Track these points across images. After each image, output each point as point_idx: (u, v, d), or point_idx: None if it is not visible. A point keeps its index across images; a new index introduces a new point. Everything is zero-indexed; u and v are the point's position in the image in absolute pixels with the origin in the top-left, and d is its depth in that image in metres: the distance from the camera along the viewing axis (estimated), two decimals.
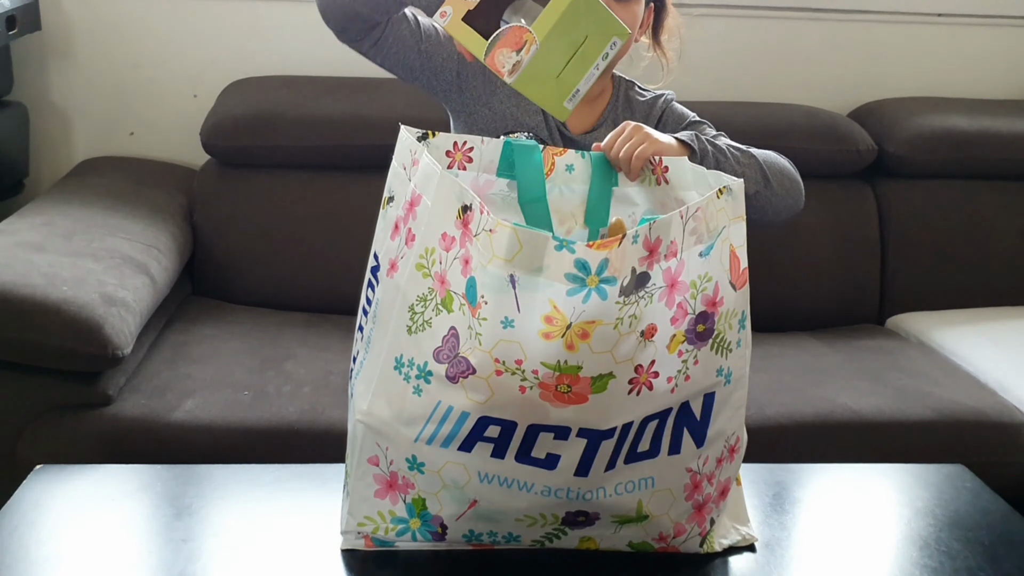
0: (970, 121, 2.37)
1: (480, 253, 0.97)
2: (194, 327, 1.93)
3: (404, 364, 1.05)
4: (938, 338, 2.11)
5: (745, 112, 2.35)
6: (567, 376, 0.96)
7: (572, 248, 0.93)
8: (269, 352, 1.83)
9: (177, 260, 1.99)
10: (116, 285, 1.67)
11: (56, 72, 2.34)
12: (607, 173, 1.25)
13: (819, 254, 2.27)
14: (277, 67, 2.36)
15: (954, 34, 2.56)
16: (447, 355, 1.01)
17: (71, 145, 2.40)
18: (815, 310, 2.27)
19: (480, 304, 0.97)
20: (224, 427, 1.60)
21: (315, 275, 2.14)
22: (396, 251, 1.10)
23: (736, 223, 1.06)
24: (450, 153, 1.20)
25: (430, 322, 1.03)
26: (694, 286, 1.02)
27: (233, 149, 2.16)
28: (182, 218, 2.12)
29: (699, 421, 1.07)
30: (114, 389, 1.64)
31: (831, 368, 1.91)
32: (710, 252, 1.03)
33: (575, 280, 0.94)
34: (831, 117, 2.37)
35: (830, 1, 2.49)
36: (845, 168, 2.31)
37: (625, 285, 0.95)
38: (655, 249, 0.97)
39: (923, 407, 1.77)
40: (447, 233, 1.03)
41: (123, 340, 1.59)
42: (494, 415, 1.00)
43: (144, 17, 2.33)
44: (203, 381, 1.69)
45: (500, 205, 1.26)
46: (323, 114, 2.17)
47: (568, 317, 0.94)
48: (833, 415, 1.73)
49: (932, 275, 2.31)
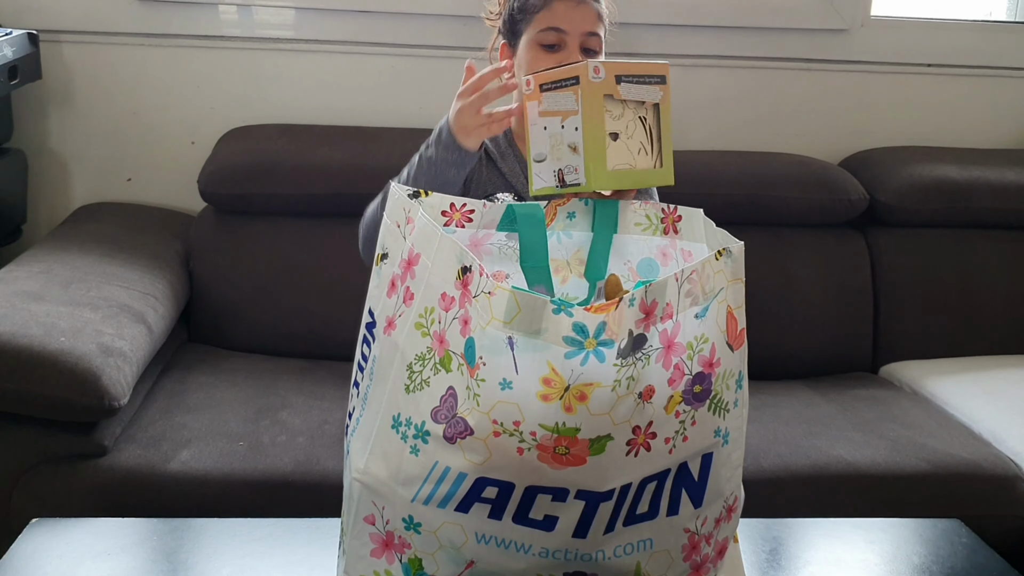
0: (961, 171, 2.39)
1: (479, 315, 0.98)
2: (190, 375, 1.93)
3: (402, 423, 1.05)
4: (931, 387, 2.12)
5: (737, 161, 2.37)
6: (565, 438, 0.97)
7: (570, 312, 0.94)
8: (264, 401, 1.83)
9: (174, 308, 2.00)
10: (113, 335, 1.67)
11: (55, 119, 2.36)
12: (608, 220, 1.26)
13: (812, 302, 2.29)
14: (275, 116, 2.38)
15: (944, 84, 2.59)
16: (445, 415, 1.01)
17: (69, 191, 2.41)
18: (808, 358, 2.28)
19: (478, 365, 0.98)
20: (219, 478, 1.59)
21: (311, 322, 2.15)
22: (394, 309, 1.11)
23: (734, 285, 1.07)
24: (447, 213, 1.21)
25: (428, 381, 1.04)
26: (691, 347, 1.03)
27: (230, 197, 2.17)
28: (179, 265, 2.13)
29: (697, 482, 1.07)
30: (110, 439, 1.64)
31: (825, 418, 1.92)
32: (706, 313, 1.04)
33: (573, 343, 0.94)
34: (823, 166, 2.40)
35: (821, 51, 2.53)
36: (837, 217, 2.33)
37: (622, 347, 0.96)
38: (651, 311, 0.98)
39: (918, 459, 1.77)
40: (446, 293, 1.03)
41: (120, 391, 1.59)
42: (492, 476, 1.00)
43: (143, 65, 2.35)
44: (198, 431, 1.69)
45: (497, 256, 1.26)
46: (320, 162, 2.18)
47: (566, 379, 0.95)
48: (828, 467, 1.74)
49: (925, 324, 2.32)
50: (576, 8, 1.51)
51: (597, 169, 1.22)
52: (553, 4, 1.51)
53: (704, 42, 2.47)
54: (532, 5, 1.53)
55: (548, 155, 1.28)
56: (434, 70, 2.40)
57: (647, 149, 1.28)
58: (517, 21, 1.55)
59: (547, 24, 1.51)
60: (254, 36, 2.36)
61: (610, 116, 1.24)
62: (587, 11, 1.52)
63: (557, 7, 1.51)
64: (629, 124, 1.26)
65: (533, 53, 1.52)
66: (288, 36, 2.37)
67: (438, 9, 2.32)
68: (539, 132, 1.29)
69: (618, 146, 1.24)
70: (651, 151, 1.28)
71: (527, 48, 1.54)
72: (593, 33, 1.52)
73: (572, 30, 1.50)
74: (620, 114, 1.25)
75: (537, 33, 1.52)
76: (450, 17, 2.34)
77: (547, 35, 1.51)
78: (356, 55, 2.39)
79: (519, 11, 1.55)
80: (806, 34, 2.51)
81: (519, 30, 1.55)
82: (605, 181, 1.23)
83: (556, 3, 1.51)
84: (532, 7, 1.53)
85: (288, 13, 2.37)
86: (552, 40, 1.51)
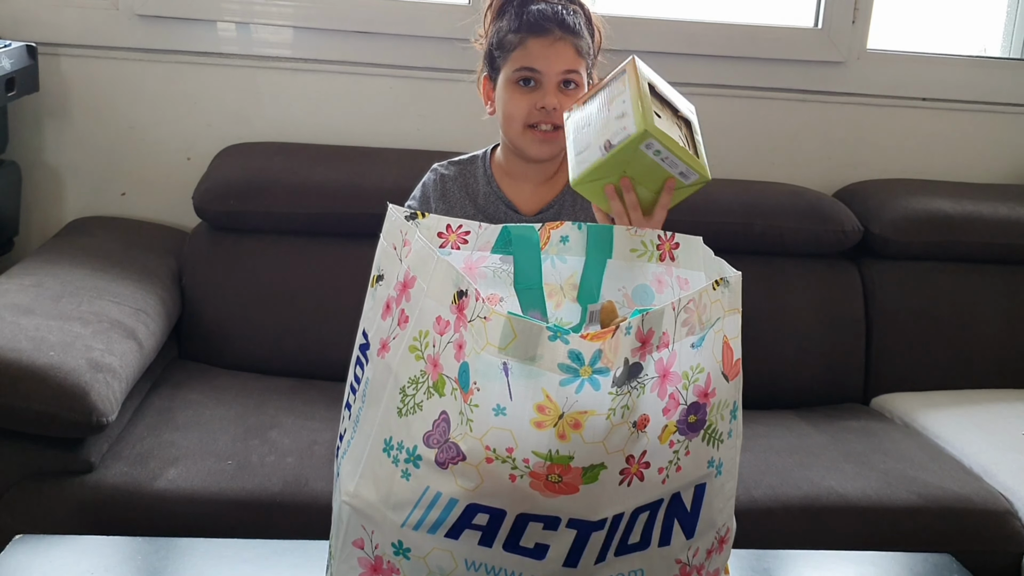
0: (954, 204, 2.40)
1: (474, 339, 0.97)
2: (179, 392, 1.91)
3: (393, 447, 1.05)
4: (923, 420, 2.11)
5: (731, 190, 2.37)
6: (558, 466, 0.96)
7: (566, 339, 0.93)
8: (254, 419, 1.81)
9: (165, 324, 1.99)
10: (103, 350, 1.66)
11: (51, 132, 2.35)
12: (603, 245, 1.25)
13: (804, 332, 2.28)
14: (272, 134, 2.38)
15: (938, 118, 2.60)
16: (437, 440, 1.01)
17: (62, 204, 2.39)
18: (799, 388, 2.27)
19: (472, 390, 0.97)
20: (206, 497, 1.58)
21: (303, 341, 2.14)
22: (388, 331, 1.10)
23: (731, 315, 1.06)
24: (443, 235, 1.21)
25: (421, 405, 1.03)
26: (686, 377, 1.02)
27: (225, 214, 2.17)
28: (171, 281, 2.12)
29: (689, 512, 1.07)
30: (96, 456, 1.62)
31: (816, 449, 1.91)
32: (702, 343, 1.03)
33: (568, 370, 0.94)
34: (817, 197, 2.40)
35: (817, 83, 2.54)
36: (831, 248, 2.34)
37: (618, 376, 0.96)
38: (647, 340, 0.98)
39: (908, 492, 1.77)
40: (441, 317, 1.03)
41: (108, 407, 1.57)
42: (483, 503, 0.99)
43: (141, 80, 2.34)
44: (186, 449, 1.68)
45: (492, 279, 1.26)
46: (316, 181, 2.18)
47: (561, 407, 0.94)
48: (820, 499, 1.73)
49: (917, 356, 2.32)
50: (551, 47, 1.48)
51: (647, 117, 1.23)
52: (528, 43, 1.49)
53: (700, 71, 2.48)
54: (508, 43, 1.51)
55: (592, 141, 1.29)
56: (433, 92, 2.40)
57: (687, 141, 1.29)
58: (495, 57, 1.54)
59: (521, 63, 1.49)
60: (253, 54, 2.36)
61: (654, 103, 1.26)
62: (562, 49, 1.49)
63: (532, 46, 1.49)
64: (669, 119, 1.28)
65: (509, 92, 1.51)
66: (287, 55, 2.37)
67: (438, 32, 2.32)
68: (580, 130, 1.32)
69: (663, 121, 1.26)
70: (689, 145, 1.29)
71: (504, 86, 1.52)
72: (571, 70, 1.50)
73: (547, 70, 1.48)
74: (661, 108, 1.27)
75: (513, 72, 1.50)
76: (449, 40, 2.32)
77: (521, 73, 1.49)
78: (355, 75, 2.39)
79: (497, 47, 1.53)
80: (802, 65, 2.52)
81: (498, 66, 1.54)
82: (654, 129, 1.22)
83: (531, 42, 1.49)
84: (508, 44, 1.51)
85: (288, 32, 2.37)
86: (526, 77, 1.49)
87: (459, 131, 2.23)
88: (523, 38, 1.49)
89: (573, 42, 1.50)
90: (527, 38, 1.49)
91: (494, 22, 1.57)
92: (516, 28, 1.50)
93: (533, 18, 1.50)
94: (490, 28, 1.58)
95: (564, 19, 1.51)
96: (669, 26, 2.47)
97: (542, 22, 1.49)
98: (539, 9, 1.52)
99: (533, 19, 1.50)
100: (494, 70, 1.55)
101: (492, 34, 1.56)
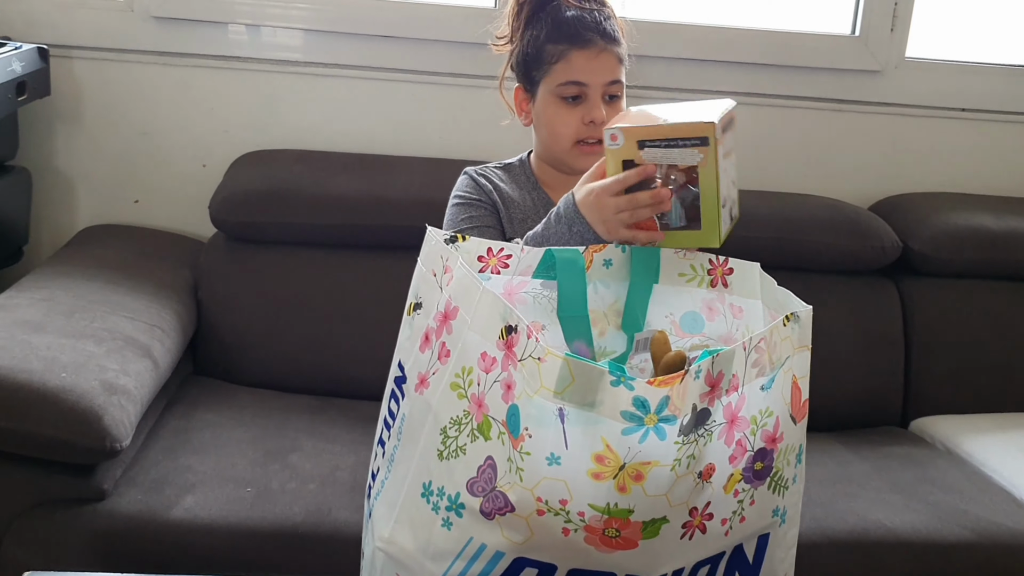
0: (996, 220, 2.32)
1: (526, 381, 0.90)
2: (195, 411, 1.84)
3: (433, 492, 0.97)
4: (967, 446, 2.03)
5: (766, 203, 2.30)
6: (616, 519, 0.88)
7: (631, 384, 0.86)
8: (274, 442, 1.74)
9: (181, 340, 1.91)
10: (118, 371, 1.58)
11: (63, 137, 2.28)
12: (648, 269, 1.19)
13: (840, 352, 2.20)
14: (291, 141, 2.31)
15: (978, 130, 2.52)
16: (482, 487, 0.93)
17: (74, 212, 2.33)
18: (835, 410, 2.19)
19: (523, 436, 0.90)
20: (225, 527, 1.50)
21: (323, 357, 2.06)
22: (427, 365, 1.03)
23: (801, 353, 0.99)
24: (483, 258, 1.13)
25: (464, 448, 0.95)
26: (754, 421, 0.95)
27: (242, 224, 2.09)
28: (187, 294, 2.05)
29: (752, 564, 0.99)
30: (110, 483, 1.55)
31: (860, 478, 1.83)
32: (772, 385, 0.96)
33: (632, 419, 0.86)
34: (855, 211, 2.32)
35: (854, 92, 2.46)
36: (868, 264, 2.25)
37: (685, 424, 0.88)
38: (717, 384, 0.90)
39: (960, 527, 1.68)
40: (487, 353, 0.95)
41: (122, 431, 1.50)
42: (532, 556, 0.92)
43: (155, 84, 2.27)
44: (204, 474, 1.60)
45: (532, 306, 1.19)
46: (337, 192, 2.10)
47: (622, 457, 0.87)
48: (868, 533, 1.65)
49: (958, 377, 2.23)
50: (596, 58, 1.42)
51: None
52: (571, 56, 1.42)
53: (734, 79, 2.40)
54: (549, 55, 1.43)
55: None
56: (456, 99, 2.32)
57: None
58: (532, 69, 1.46)
59: (567, 78, 1.42)
60: (271, 58, 2.29)
61: None
62: (607, 60, 1.43)
63: (575, 59, 1.42)
64: None
65: (555, 108, 1.44)
66: (306, 59, 2.30)
67: (461, 36, 2.24)
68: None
69: None
70: None
71: (548, 102, 1.45)
72: (615, 81, 1.44)
73: (593, 82, 1.42)
74: None
75: (557, 87, 1.43)
76: (474, 45, 2.25)
77: (567, 88, 1.42)
78: (376, 81, 2.32)
79: (534, 60, 1.45)
80: (838, 74, 2.45)
81: (535, 79, 1.46)
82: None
83: (574, 55, 1.42)
84: (549, 57, 1.43)
85: (307, 36, 2.30)
86: (573, 93, 1.43)
87: (484, 138, 2.19)
88: (565, 50, 1.42)
89: (616, 51, 1.44)
90: (569, 50, 1.42)
91: (525, 30, 1.49)
92: (555, 38, 1.43)
93: (572, 28, 1.43)
94: (520, 35, 1.50)
95: (604, 27, 1.44)
96: (702, 32, 2.40)
97: (583, 32, 1.42)
98: (576, 17, 1.45)
99: (572, 29, 1.42)
100: (530, 83, 1.47)
101: (526, 43, 1.48)
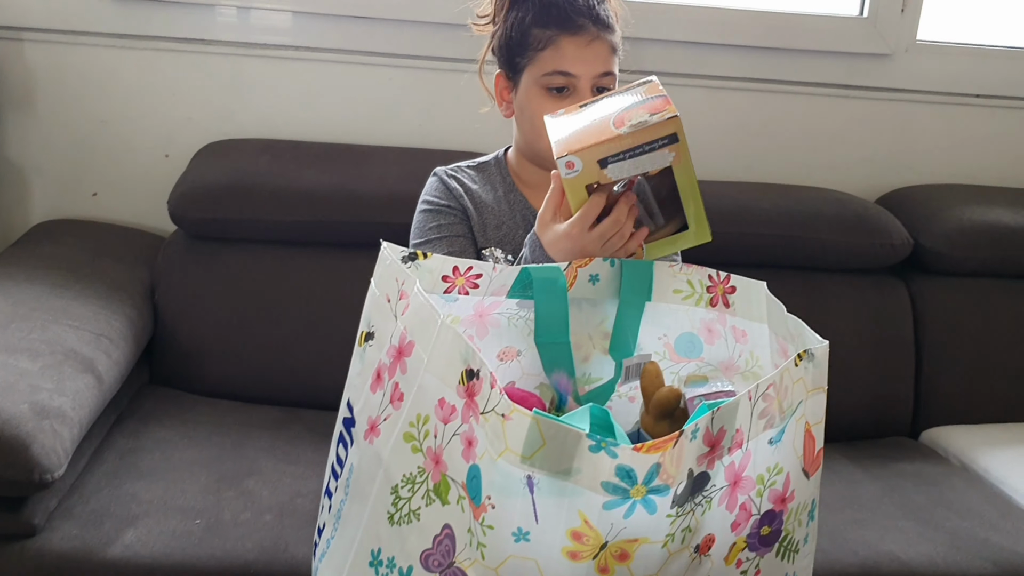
0: (1014, 215, 2.18)
1: (489, 440, 0.75)
2: (147, 428, 1.69)
3: (383, 563, 0.82)
4: (983, 461, 1.89)
5: (767, 196, 2.16)
6: None
7: (613, 451, 0.71)
8: (229, 464, 1.59)
9: (132, 349, 1.76)
10: (52, 390, 1.43)
11: (14, 126, 2.14)
12: (640, 285, 1.05)
13: (847, 356, 2.02)
14: (258, 129, 2.17)
15: (994, 117, 2.38)
16: (438, 562, 0.78)
17: (27, 206, 2.18)
18: (842, 419, 1.99)
19: (485, 506, 0.75)
20: (168, 567, 1.36)
21: (289, 365, 1.92)
22: (378, 408, 0.88)
23: (815, 395, 0.84)
24: (448, 278, 0.99)
25: (418, 513, 0.81)
26: (761, 481, 0.80)
27: (203, 221, 1.95)
28: (142, 297, 1.90)
29: None
30: (41, 516, 1.39)
31: (870, 502, 1.69)
32: (782, 438, 0.81)
33: (615, 491, 0.71)
34: (862, 206, 2.18)
35: (861, 77, 2.32)
36: (877, 262, 2.12)
37: (679, 493, 0.73)
38: (718, 443, 0.75)
39: (981, 559, 1.54)
40: (445, 400, 0.80)
41: (54, 462, 1.35)
42: None
43: (115, 69, 2.13)
44: (149, 504, 1.46)
45: (506, 328, 1.05)
46: (306, 186, 1.96)
47: (603, 535, 0.72)
48: (880, 567, 1.51)
49: (972, 384, 2.10)
50: (587, 47, 1.28)
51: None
52: (560, 42, 1.29)
53: (732, 63, 2.27)
54: (535, 40, 1.30)
55: None
56: (436, 84, 2.18)
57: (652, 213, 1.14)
58: (515, 54, 1.33)
59: (553, 67, 1.29)
60: (237, 41, 2.14)
61: None
62: (600, 49, 1.29)
63: (565, 47, 1.28)
64: None
65: (539, 100, 1.31)
66: (275, 42, 2.15)
67: (442, 17, 2.09)
68: None
69: None
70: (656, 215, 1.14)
71: (531, 92, 1.32)
72: (607, 73, 1.30)
73: (583, 73, 1.29)
74: None
75: (542, 76, 1.30)
76: (455, 26, 2.10)
77: (554, 79, 1.29)
78: (350, 64, 2.17)
79: (518, 45, 1.32)
80: (845, 58, 2.30)
81: (518, 65, 1.33)
82: None
83: (564, 41, 1.28)
84: (534, 43, 1.30)
85: (276, 16, 2.15)
86: (560, 84, 1.29)
87: (465, 127, 2.08)
88: (553, 36, 1.29)
89: (609, 39, 1.30)
90: (558, 36, 1.28)
91: (510, 10, 1.35)
92: (543, 22, 1.29)
93: (562, 11, 1.29)
94: (503, 16, 1.36)
95: (597, 12, 1.30)
96: (699, 13, 2.26)
97: (574, 16, 1.28)
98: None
99: (562, 13, 1.29)
100: (513, 70, 1.33)
101: (510, 25, 1.34)
